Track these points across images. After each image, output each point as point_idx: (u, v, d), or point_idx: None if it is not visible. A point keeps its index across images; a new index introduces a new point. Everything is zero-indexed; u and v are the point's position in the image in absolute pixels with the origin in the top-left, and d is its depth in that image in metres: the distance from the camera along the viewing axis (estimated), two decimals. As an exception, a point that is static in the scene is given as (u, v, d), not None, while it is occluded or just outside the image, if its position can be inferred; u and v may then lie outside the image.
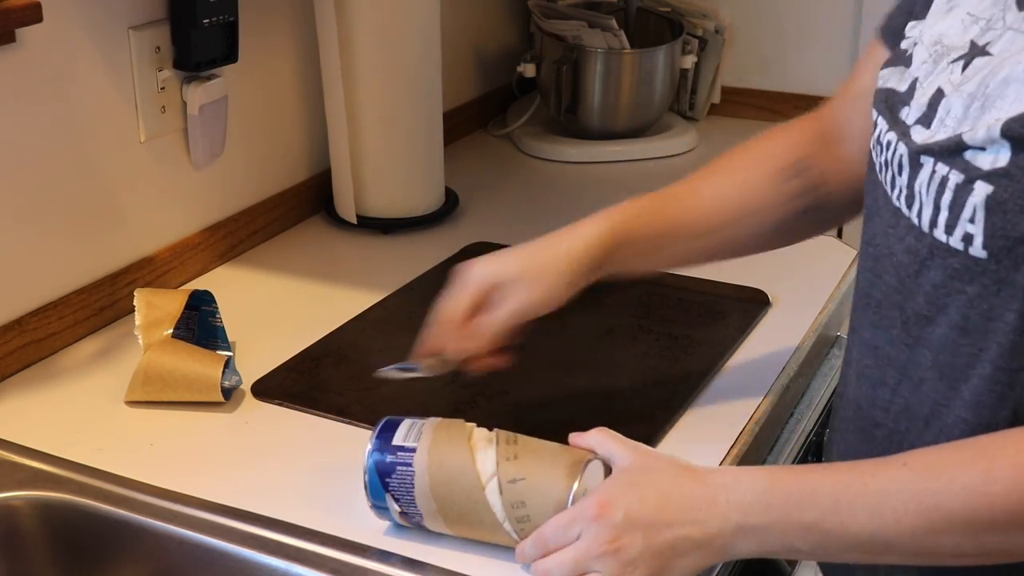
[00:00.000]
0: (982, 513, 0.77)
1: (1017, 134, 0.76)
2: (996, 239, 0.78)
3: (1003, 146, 0.77)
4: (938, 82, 0.85)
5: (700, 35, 2.08)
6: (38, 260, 1.27)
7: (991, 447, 0.79)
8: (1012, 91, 0.78)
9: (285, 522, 1.00)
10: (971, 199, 0.79)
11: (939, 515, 0.78)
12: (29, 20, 1.16)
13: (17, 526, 1.05)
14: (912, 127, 0.86)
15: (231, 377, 1.18)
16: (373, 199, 1.62)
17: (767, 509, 0.82)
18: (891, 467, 0.81)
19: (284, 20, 1.58)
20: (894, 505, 0.79)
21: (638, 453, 0.92)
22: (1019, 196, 0.77)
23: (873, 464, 0.83)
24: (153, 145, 1.39)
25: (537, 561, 0.89)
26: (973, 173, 0.79)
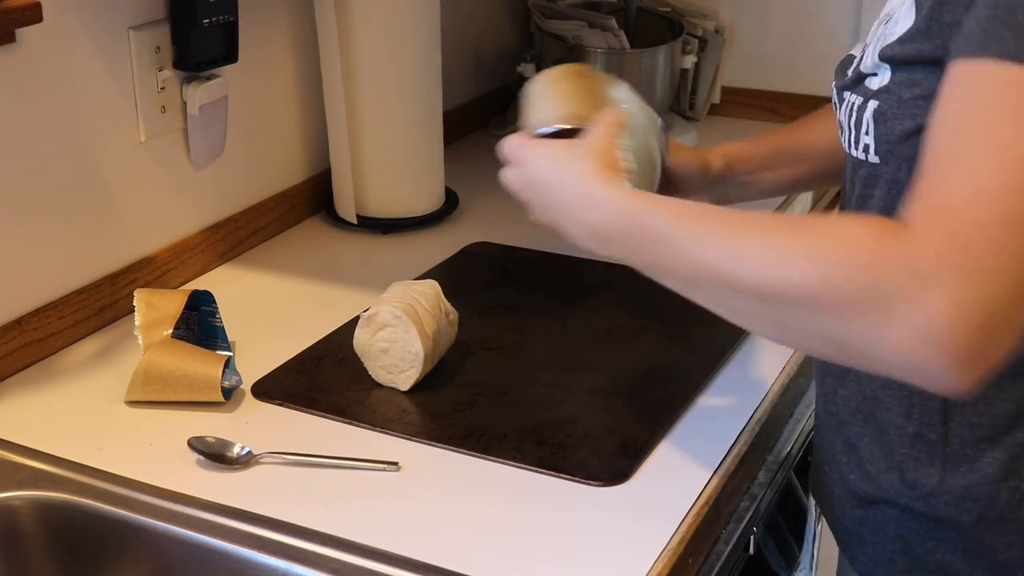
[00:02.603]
0: (774, 273, 0.79)
1: (888, 56, 0.90)
2: (882, 144, 0.91)
3: (885, 69, 0.90)
4: (871, 39, 0.97)
5: (700, 35, 2.08)
6: (38, 260, 1.27)
7: (812, 219, 0.81)
8: (898, 27, 0.90)
9: (285, 522, 1.00)
10: (865, 115, 0.92)
11: (741, 263, 0.81)
12: (29, 20, 1.16)
13: (17, 526, 1.05)
14: (847, 71, 0.99)
15: (231, 377, 1.18)
16: (373, 199, 1.62)
17: (613, 229, 0.93)
18: (729, 216, 0.87)
19: (284, 20, 1.58)
20: (711, 247, 0.84)
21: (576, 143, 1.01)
22: (895, 106, 0.89)
23: (717, 211, 0.90)
24: (153, 145, 1.39)
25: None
26: (867, 94, 0.92)
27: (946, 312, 0.71)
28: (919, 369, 0.74)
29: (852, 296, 0.75)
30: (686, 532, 1.00)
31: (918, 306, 0.72)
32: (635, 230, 0.91)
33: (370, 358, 1.20)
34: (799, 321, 0.80)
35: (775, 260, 0.79)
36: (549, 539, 0.99)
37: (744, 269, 0.81)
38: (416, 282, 1.24)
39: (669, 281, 0.90)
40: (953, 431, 0.94)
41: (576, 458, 1.09)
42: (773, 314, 0.81)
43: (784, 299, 0.79)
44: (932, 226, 0.73)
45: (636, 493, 1.05)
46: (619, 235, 0.92)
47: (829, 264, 0.76)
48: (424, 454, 1.10)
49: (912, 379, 0.76)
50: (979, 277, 0.71)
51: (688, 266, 0.86)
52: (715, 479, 1.07)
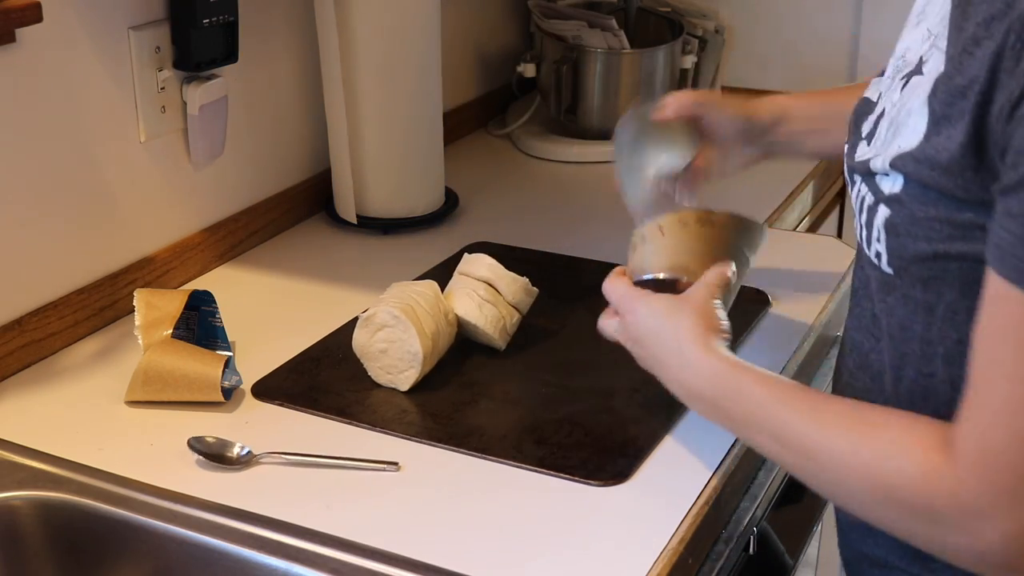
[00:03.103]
0: (844, 482, 0.87)
1: (901, 168, 0.85)
2: (895, 259, 0.88)
3: (899, 178, 0.86)
4: (888, 99, 0.92)
5: (700, 35, 2.08)
6: (38, 260, 1.27)
7: (868, 426, 0.87)
8: (911, 122, 0.86)
9: (285, 522, 1.00)
10: (876, 220, 0.89)
11: (815, 465, 0.89)
12: (29, 20, 1.16)
13: (17, 526, 1.05)
14: (860, 142, 0.94)
15: (231, 377, 1.18)
16: (373, 199, 1.62)
17: (709, 384, 0.98)
18: (799, 405, 0.92)
19: (284, 20, 1.58)
20: (788, 438, 0.91)
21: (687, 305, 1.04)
22: (908, 222, 0.86)
23: (794, 392, 0.94)
24: (153, 145, 1.39)
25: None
26: (879, 196, 0.88)
27: (996, 545, 0.80)
28: (979, 570, 0.84)
29: (911, 516, 0.84)
30: (686, 532, 1.00)
31: (971, 538, 0.81)
32: (727, 401, 0.97)
33: (369, 358, 1.20)
34: (871, 516, 0.89)
35: (843, 470, 0.87)
36: (549, 539, 0.99)
37: (819, 465, 0.89)
38: (415, 282, 1.25)
39: (754, 447, 0.97)
40: None
41: (576, 458, 1.09)
42: (850, 506, 0.91)
43: (854, 499, 0.89)
44: (973, 466, 0.80)
45: (636, 493, 1.05)
46: (711, 401, 0.98)
47: (888, 484, 0.84)
48: (424, 454, 1.10)
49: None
50: (1020, 514, 0.79)
51: (771, 446, 0.94)
52: (715, 479, 1.07)
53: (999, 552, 0.80)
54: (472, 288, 1.26)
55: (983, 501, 0.79)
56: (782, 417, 0.92)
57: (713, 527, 1.06)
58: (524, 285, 1.29)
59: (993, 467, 0.79)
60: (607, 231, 1.62)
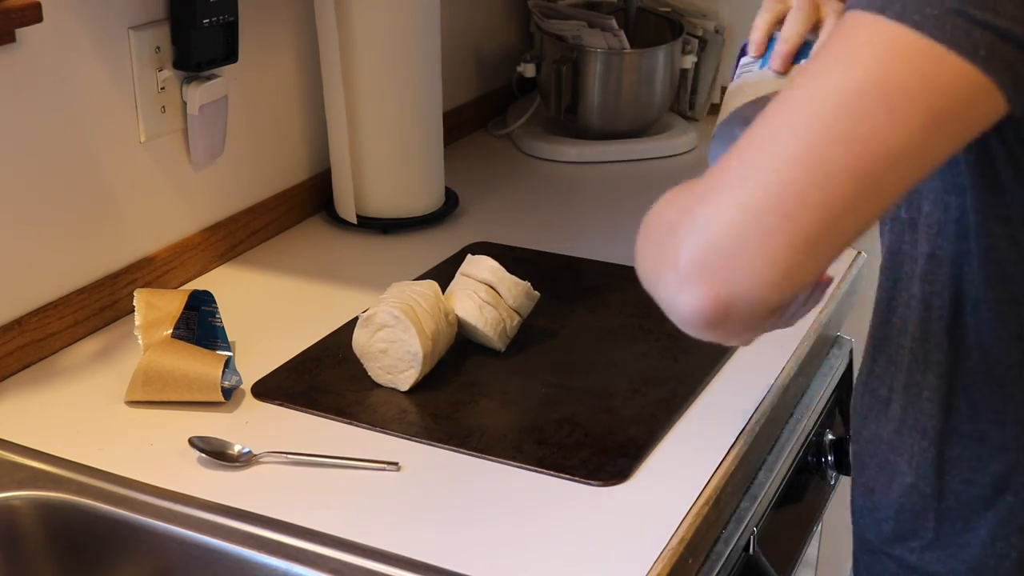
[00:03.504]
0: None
1: None
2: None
3: None
4: None
5: (700, 35, 2.08)
6: (38, 260, 1.27)
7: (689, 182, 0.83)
8: None
9: (285, 522, 1.00)
10: None
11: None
12: (29, 20, 1.16)
13: (17, 526, 1.05)
14: None
15: (231, 377, 1.18)
16: (373, 199, 1.62)
17: None
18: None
19: (284, 20, 1.58)
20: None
21: None
22: None
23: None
24: (153, 145, 1.39)
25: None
26: None
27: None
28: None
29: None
30: (686, 532, 1.00)
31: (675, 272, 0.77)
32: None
33: (369, 359, 1.20)
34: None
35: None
36: (549, 539, 0.99)
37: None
38: (415, 282, 1.25)
39: None
40: (948, 486, 0.94)
41: (576, 458, 1.09)
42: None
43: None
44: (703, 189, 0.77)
45: (636, 493, 1.05)
46: None
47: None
48: (424, 454, 1.10)
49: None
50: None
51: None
52: (715, 479, 1.07)
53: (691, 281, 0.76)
54: (473, 290, 1.26)
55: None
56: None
57: (713, 527, 1.06)
58: (526, 289, 1.29)
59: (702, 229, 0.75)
60: (607, 231, 1.62)
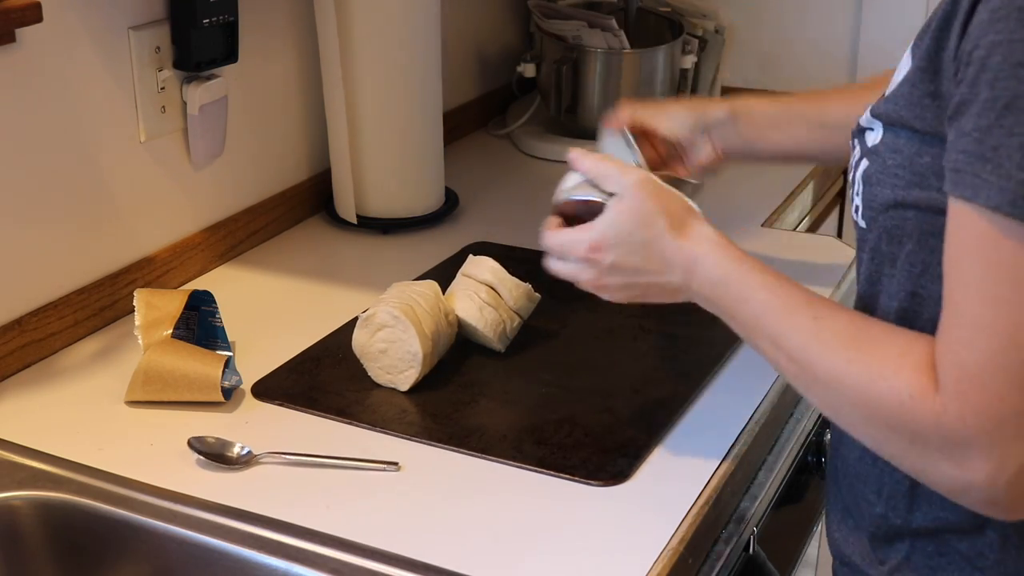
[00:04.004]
0: (835, 397, 0.88)
1: (879, 112, 0.88)
2: (867, 210, 0.90)
3: (878, 126, 0.88)
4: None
5: (700, 35, 2.08)
6: (38, 260, 1.27)
7: (865, 341, 0.87)
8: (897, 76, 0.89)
9: (285, 522, 1.00)
10: (858, 173, 0.91)
11: (810, 375, 0.89)
12: (29, 20, 1.16)
13: (17, 526, 1.05)
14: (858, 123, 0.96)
15: (231, 377, 1.18)
16: (373, 199, 1.62)
17: (713, 293, 0.98)
18: (800, 315, 0.91)
19: (284, 20, 1.58)
20: (787, 347, 0.91)
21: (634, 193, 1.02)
22: (879, 170, 0.88)
23: (797, 302, 0.93)
24: (153, 145, 1.39)
25: (552, 260, 1.07)
26: (864, 150, 0.91)
27: (982, 475, 0.78)
28: (969, 505, 0.83)
29: (899, 438, 0.83)
30: (686, 532, 1.00)
31: (957, 467, 0.79)
32: (728, 304, 0.97)
33: (369, 359, 1.20)
34: (860, 433, 0.88)
35: (836, 385, 0.87)
36: (549, 539, 0.99)
37: (814, 377, 0.89)
38: (415, 282, 1.25)
39: (755, 350, 0.97)
40: (918, 520, 0.94)
41: (576, 458, 1.09)
42: (840, 421, 0.90)
43: (845, 416, 0.89)
44: (955, 394, 0.79)
45: (636, 493, 1.05)
46: (713, 304, 0.99)
47: (877, 403, 0.84)
48: (424, 454, 1.10)
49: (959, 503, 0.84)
50: (1006, 441, 0.77)
51: (772, 352, 0.93)
52: (715, 479, 1.07)
53: (984, 487, 0.79)
54: (474, 290, 1.26)
55: (966, 425, 0.78)
56: (783, 326, 0.92)
57: (713, 527, 1.06)
58: (527, 291, 1.29)
59: (970, 391, 0.78)
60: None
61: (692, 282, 0.99)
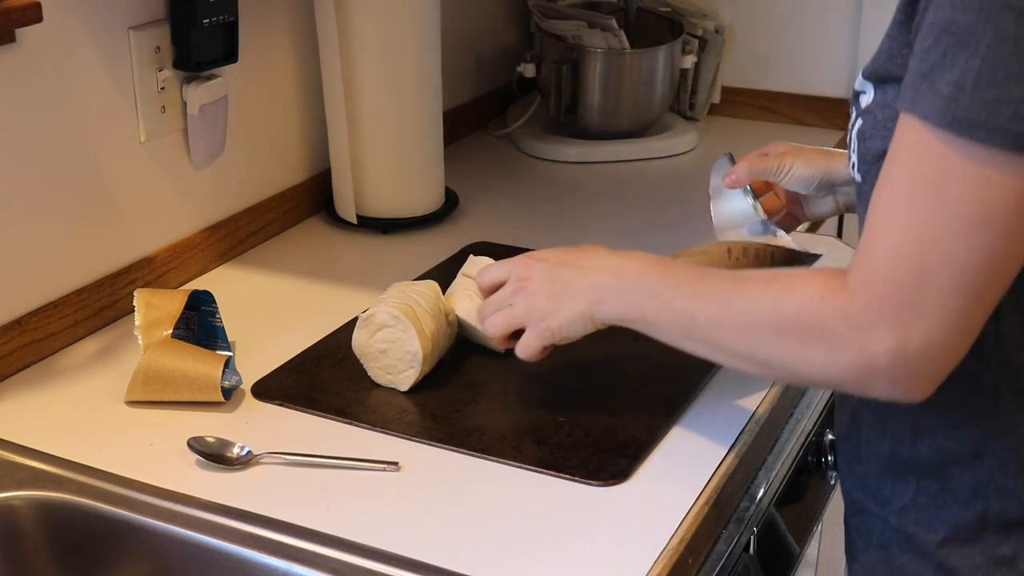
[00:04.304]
0: (750, 318, 0.94)
1: (868, 74, 0.94)
2: (862, 164, 0.95)
3: (869, 87, 0.94)
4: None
5: (700, 35, 2.08)
6: (38, 260, 1.27)
7: (781, 272, 0.98)
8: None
9: (285, 522, 1.00)
10: (854, 132, 0.96)
11: (726, 311, 0.96)
12: (29, 20, 1.16)
13: (17, 526, 1.05)
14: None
15: (231, 377, 1.18)
16: (373, 199, 1.62)
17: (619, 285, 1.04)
18: (719, 276, 1.00)
19: (284, 20, 1.58)
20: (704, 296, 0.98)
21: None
22: (872, 126, 0.93)
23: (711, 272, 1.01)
24: (153, 145, 1.39)
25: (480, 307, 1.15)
26: (859, 111, 0.96)
27: (882, 355, 0.85)
28: (876, 393, 0.89)
29: (807, 339, 0.90)
30: (686, 532, 1.00)
31: (859, 349, 0.86)
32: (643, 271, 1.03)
33: (369, 359, 1.20)
34: (771, 356, 0.94)
35: (753, 307, 0.94)
36: (549, 539, 0.99)
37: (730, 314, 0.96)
38: (415, 282, 1.25)
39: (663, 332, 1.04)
40: (922, 452, 0.95)
41: (576, 458, 1.09)
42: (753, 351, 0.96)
43: (758, 337, 0.94)
44: (861, 283, 0.86)
45: (636, 493, 1.05)
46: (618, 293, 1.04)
47: (789, 310, 0.91)
48: (424, 454, 1.10)
49: (874, 396, 0.90)
50: (902, 326, 0.84)
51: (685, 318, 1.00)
52: (715, 479, 1.07)
53: (886, 367, 0.85)
54: (475, 290, 1.26)
55: (869, 313, 0.85)
56: (702, 283, 0.99)
57: (713, 527, 1.06)
58: None
59: (879, 281, 0.85)
60: (607, 232, 1.62)
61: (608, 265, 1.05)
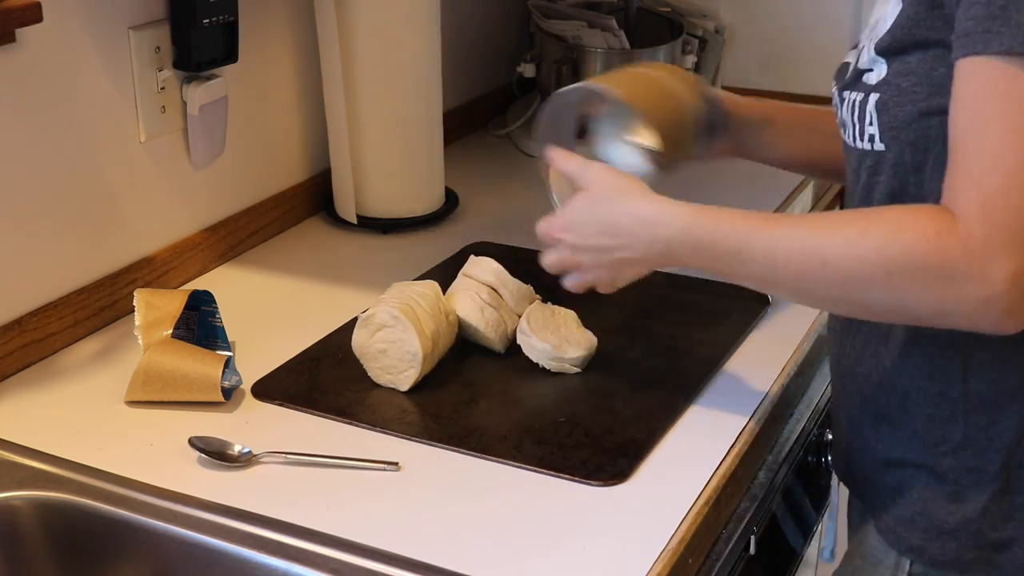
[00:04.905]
0: (852, 264, 0.92)
1: (883, 48, 0.97)
2: (886, 132, 0.97)
3: (881, 63, 0.97)
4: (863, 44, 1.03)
5: (700, 35, 2.08)
6: (38, 260, 1.27)
7: (873, 212, 0.95)
8: (881, 25, 0.98)
9: (285, 522, 1.00)
10: (868, 108, 0.98)
11: (816, 260, 0.93)
12: (29, 20, 1.16)
13: (17, 526, 1.05)
14: (844, 78, 1.05)
15: (231, 377, 1.18)
16: (373, 199, 1.62)
17: (684, 245, 1.02)
18: (791, 221, 0.98)
19: (284, 20, 1.58)
20: (785, 250, 0.95)
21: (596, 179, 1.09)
22: (895, 94, 0.96)
23: (779, 217, 1.00)
24: (153, 145, 1.39)
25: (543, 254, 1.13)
26: (867, 89, 0.98)
27: (1001, 282, 0.86)
28: (983, 325, 0.90)
29: (924, 278, 0.89)
30: (686, 532, 1.00)
31: (981, 281, 0.86)
32: (706, 247, 1.00)
33: (369, 359, 1.20)
34: (876, 299, 0.92)
35: (852, 252, 0.91)
36: (549, 539, 0.99)
37: (822, 262, 0.93)
38: (415, 282, 1.25)
39: (745, 283, 1.02)
40: (973, 387, 0.99)
41: (576, 458, 1.09)
42: (852, 296, 0.94)
43: (862, 282, 0.92)
44: (976, 215, 0.86)
45: (636, 493, 1.05)
46: (692, 246, 1.01)
47: (901, 251, 0.89)
48: (424, 454, 1.10)
49: (975, 329, 0.91)
50: (1020, 253, 0.85)
51: (764, 270, 0.97)
52: (715, 479, 1.07)
53: (1004, 294, 0.86)
54: (475, 291, 1.26)
55: (990, 243, 0.86)
56: (775, 232, 0.97)
57: (713, 527, 1.06)
58: (528, 293, 1.29)
59: (994, 211, 0.86)
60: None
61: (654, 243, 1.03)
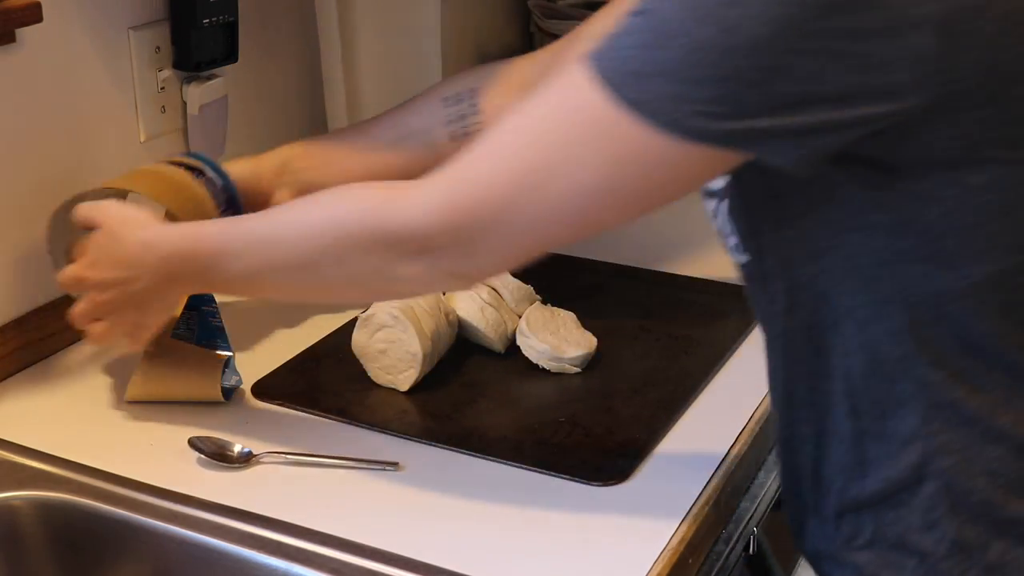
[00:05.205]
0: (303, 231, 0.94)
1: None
2: (750, 240, 0.91)
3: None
4: None
5: (700, 35, 2.07)
6: (38, 260, 1.26)
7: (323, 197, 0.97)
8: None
9: (285, 522, 1.00)
10: (723, 216, 0.93)
11: (276, 250, 0.96)
12: (29, 20, 1.16)
13: (17, 526, 1.05)
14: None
15: (231, 377, 1.18)
16: (373, 199, 1.62)
17: (178, 260, 1.03)
18: (266, 212, 1.02)
19: (284, 20, 1.58)
20: (259, 235, 0.99)
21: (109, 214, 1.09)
22: (738, 197, 0.90)
23: (251, 217, 1.02)
24: (153, 145, 1.39)
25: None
26: (717, 195, 0.93)
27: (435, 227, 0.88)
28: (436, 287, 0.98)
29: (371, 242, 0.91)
30: (686, 532, 1.00)
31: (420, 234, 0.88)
32: (198, 256, 1.01)
33: (368, 359, 1.20)
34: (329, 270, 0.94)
35: (303, 225, 0.95)
36: (549, 539, 0.99)
37: (276, 248, 0.96)
38: None
39: (236, 292, 1.05)
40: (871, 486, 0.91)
41: (576, 458, 1.09)
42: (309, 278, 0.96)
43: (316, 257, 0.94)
44: (428, 181, 0.89)
45: (636, 493, 1.05)
46: (187, 266, 1.02)
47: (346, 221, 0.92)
48: (424, 454, 1.10)
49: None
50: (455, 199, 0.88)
51: (255, 262, 0.99)
52: (715, 479, 1.07)
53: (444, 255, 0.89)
54: (475, 291, 1.26)
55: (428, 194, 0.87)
56: (240, 234, 1.00)
57: (713, 527, 1.06)
58: (528, 293, 1.29)
59: (444, 178, 0.87)
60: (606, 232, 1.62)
61: (158, 266, 1.03)
